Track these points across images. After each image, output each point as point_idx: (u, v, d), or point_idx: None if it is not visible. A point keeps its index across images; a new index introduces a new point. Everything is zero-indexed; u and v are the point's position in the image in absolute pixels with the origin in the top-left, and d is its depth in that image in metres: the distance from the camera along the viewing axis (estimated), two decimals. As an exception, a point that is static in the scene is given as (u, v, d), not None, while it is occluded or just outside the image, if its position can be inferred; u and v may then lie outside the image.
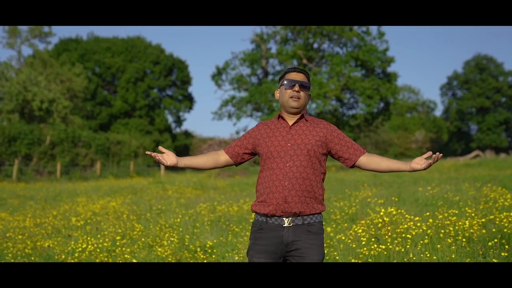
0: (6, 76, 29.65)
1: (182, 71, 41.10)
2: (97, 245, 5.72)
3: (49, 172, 24.10)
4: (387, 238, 4.90)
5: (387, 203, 7.76)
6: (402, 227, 4.99)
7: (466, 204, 7.18)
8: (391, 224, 5.41)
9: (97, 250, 5.46)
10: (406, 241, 4.88)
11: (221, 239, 6.06)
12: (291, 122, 2.84)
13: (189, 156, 3.02)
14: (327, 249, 5.12)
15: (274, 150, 2.77)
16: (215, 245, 5.85)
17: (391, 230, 5.08)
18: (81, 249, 5.53)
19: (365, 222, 5.69)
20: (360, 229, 5.16)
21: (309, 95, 2.89)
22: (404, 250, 4.65)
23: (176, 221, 7.11)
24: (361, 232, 5.06)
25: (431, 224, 5.27)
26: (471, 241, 4.87)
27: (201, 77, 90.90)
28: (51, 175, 23.57)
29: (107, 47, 39.49)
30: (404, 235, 4.92)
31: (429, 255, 4.48)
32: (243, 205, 8.54)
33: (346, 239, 5.15)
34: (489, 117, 47.39)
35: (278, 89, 2.93)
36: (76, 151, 26.45)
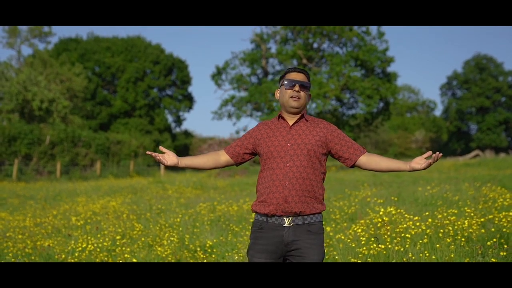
0: (6, 76, 29.65)
1: (182, 71, 41.11)
2: (97, 244, 5.73)
3: (49, 172, 24.10)
4: (387, 237, 4.91)
5: (386, 202, 7.78)
6: (401, 227, 5.00)
7: (465, 203, 7.20)
8: (390, 223, 5.42)
9: (97, 249, 5.46)
10: (405, 240, 4.89)
11: (221, 238, 6.07)
12: (291, 122, 2.84)
13: (190, 156, 3.02)
14: (327, 249, 5.13)
15: (274, 150, 2.77)
16: (215, 245, 5.86)
17: (391, 229, 5.09)
18: (81, 248, 5.54)
19: (364, 221, 5.70)
20: (359, 229, 5.17)
21: (309, 95, 2.89)
22: (403, 249, 4.66)
23: (176, 221, 7.12)
24: (360, 231, 5.07)
25: (430, 223, 5.28)
26: (470, 240, 4.88)
27: (201, 76, 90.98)
28: (51, 174, 23.57)
29: (107, 47, 39.49)
30: (403, 235, 4.93)
31: (428, 254, 4.49)
32: (243, 205, 8.55)
33: (345, 238, 5.15)
34: (488, 117, 47.40)
35: (278, 89, 2.94)
36: (76, 151, 26.46)
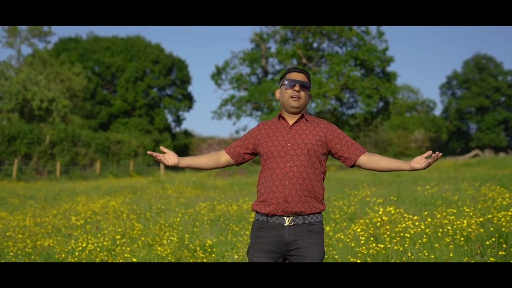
0: (5, 75, 29.64)
1: (181, 71, 41.10)
2: (97, 244, 5.74)
3: (48, 171, 24.11)
4: (386, 237, 4.92)
5: (386, 202, 7.79)
6: (400, 226, 5.02)
7: (464, 203, 7.21)
8: (389, 223, 5.44)
9: (97, 249, 5.48)
10: (404, 240, 4.90)
11: (221, 238, 6.08)
12: (291, 122, 2.84)
13: (190, 156, 3.04)
14: (326, 248, 5.14)
15: (274, 150, 2.78)
16: (214, 244, 5.87)
17: (390, 229, 5.10)
18: (81, 248, 5.55)
19: (364, 221, 5.71)
20: (359, 228, 5.18)
21: (310, 95, 2.90)
22: (402, 249, 4.67)
23: (175, 220, 7.13)
24: (360, 231, 5.08)
25: (429, 223, 5.30)
26: (469, 240, 4.90)
27: (200, 76, 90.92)
28: (50, 174, 23.58)
29: (107, 46, 39.48)
30: (402, 234, 4.95)
31: (427, 254, 4.50)
32: (242, 205, 8.56)
33: (345, 238, 5.17)
34: (488, 116, 47.41)
35: (278, 89, 2.95)
36: (75, 150, 26.46)
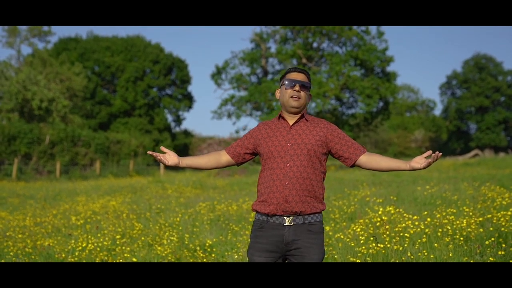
0: (5, 75, 29.65)
1: (181, 70, 41.11)
2: (97, 244, 5.75)
3: (48, 171, 24.11)
4: (385, 237, 4.93)
5: (385, 202, 7.80)
6: (400, 226, 5.02)
7: (464, 203, 7.22)
8: (389, 223, 5.45)
9: (97, 249, 5.48)
10: (404, 240, 4.91)
11: (221, 238, 6.09)
12: (291, 122, 2.85)
13: (190, 156, 3.04)
14: (326, 248, 5.15)
15: (274, 150, 2.78)
16: (214, 244, 5.88)
17: (390, 229, 5.11)
18: (81, 248, 5.56)
19: (363, 221, 5.72)
20: (358, 228, 5.19)
21: (310, 95, 2.91)
22: (402, 248, 4.68)
23: (175, 220, 7.14)
24: (359, 231, 5.08)
25: (429, 223, 5.30)
26: (468, 240, 4.91)
27: (200, 76, 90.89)
28: (50, 174, 23.58)
29: (107, 46, 39.48)
30: (402, 234, 4.95)
31: (427, 253, 4.51)
32: (242, 204, 8.57)
33: (344, 238, 5.17)
34: (488, 116, 47.42)
35: (279, 89, 2.95)
36: (75, 150, 26.47)
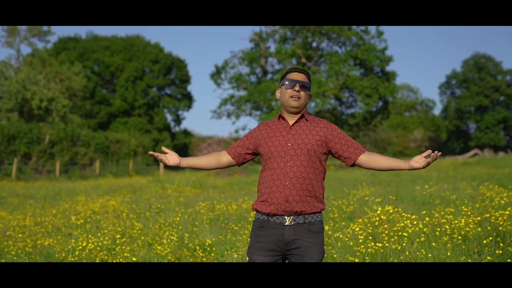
0: (5, 75, 29.65)
1: (181, 70, 41.12)
2: (97, 243, 5.77)
3: (48, 171, 24.12)
4: (384, 236, 4.95)
5: (384, 201, 7.82)
6: (399, 225, 5.04)
7: (462, 202, 7.25)
8: (388, 222, 5.47)
9: (97, 248, 5.50)
10: (402, 239, 4.93)
11: (220, 237, 6.11)
12: (291, 122, 2.86)
13: (190, 156, 3.06)
14: (325, 247, 5.17)
15: (274, 150, 2.80)
16: (214, 244, 5.90)
17: (388, 228, 5.13)
18: (81, 247, 5.58)
19: (362, 220, 5.74)
20: (357, 228, 5.21)
21: (310, 95, 2.92)
22: (400, 248, 4.70)
23: (175, 220, 7.16)
24: (358, 230, 5.11)
25: (427, 222, 5.33)
26: (466, 239, 4.93)
27: (200, 76, 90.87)
28: (50, 174, 23.59)
29: (106, 46, 39.48)
30: (400, 233, 4.97)
31: (425, 253, 4.53)
32: (242, 204, 8.59)
33: (343, 237, 5.20)
34: (487, 115, 47.44)
35: (279, 89, 2.97)
36: (75, 150, 26.48)
